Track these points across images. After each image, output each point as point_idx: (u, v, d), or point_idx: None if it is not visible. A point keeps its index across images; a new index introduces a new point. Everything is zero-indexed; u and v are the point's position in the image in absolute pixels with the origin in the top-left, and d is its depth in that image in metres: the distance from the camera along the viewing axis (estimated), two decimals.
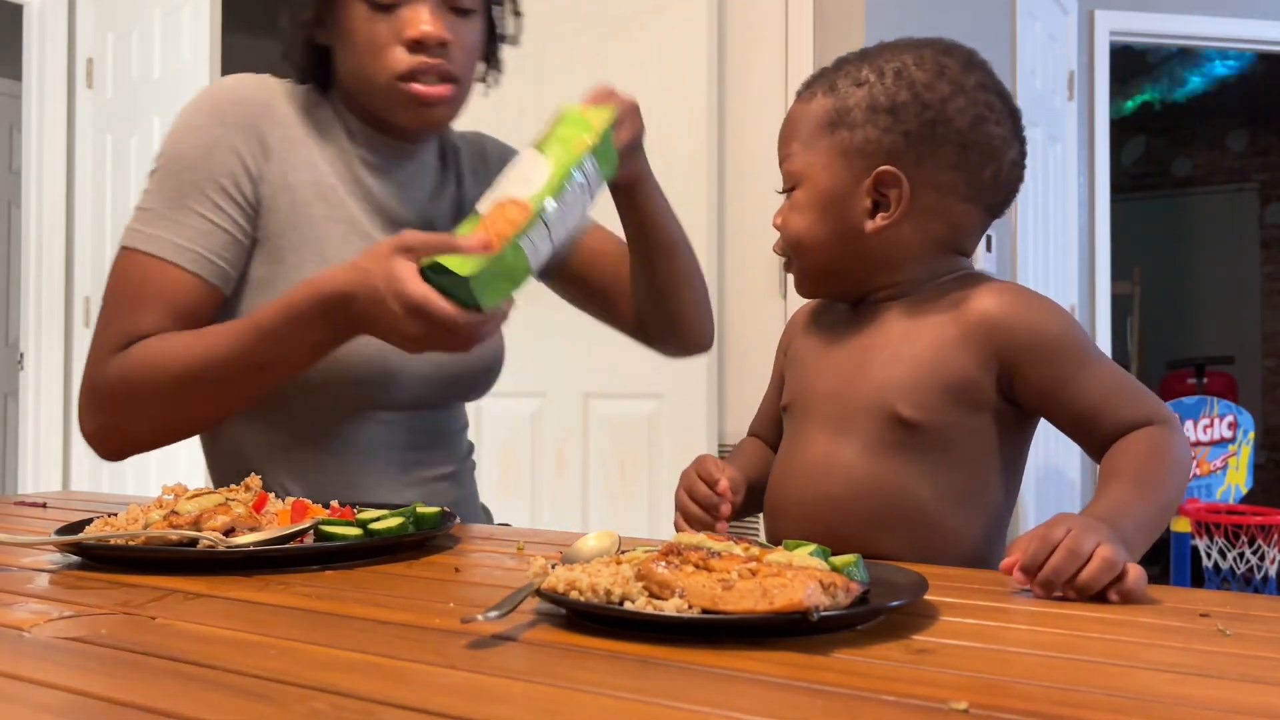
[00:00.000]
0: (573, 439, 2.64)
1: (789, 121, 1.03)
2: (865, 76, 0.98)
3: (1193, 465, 0.86)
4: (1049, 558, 0.72)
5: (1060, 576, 0.71)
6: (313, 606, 0.69)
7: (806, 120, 1.00)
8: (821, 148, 0.98)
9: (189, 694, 0.50)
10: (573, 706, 0.48)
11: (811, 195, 0.99)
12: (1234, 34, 4.21)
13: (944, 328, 0.95)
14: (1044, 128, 3.68)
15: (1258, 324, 6.53)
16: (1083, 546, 0.71)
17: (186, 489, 0.95)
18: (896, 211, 0.96)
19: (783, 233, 1.02)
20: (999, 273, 3.22)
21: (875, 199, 0.97)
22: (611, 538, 0.78)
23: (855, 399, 0.96)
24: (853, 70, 0.99)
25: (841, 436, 0.96)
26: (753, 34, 2.54)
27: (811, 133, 0.99)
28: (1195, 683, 0.52)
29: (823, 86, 1.00)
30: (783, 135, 1.03)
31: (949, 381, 0.93)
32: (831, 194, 0.98)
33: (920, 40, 1.00)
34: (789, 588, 0.59)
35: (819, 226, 0.99)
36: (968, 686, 0.51)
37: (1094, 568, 0.71)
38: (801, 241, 1.01)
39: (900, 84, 0.96)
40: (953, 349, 0.93)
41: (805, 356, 1.05)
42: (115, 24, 3.47)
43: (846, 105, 0.97)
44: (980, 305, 0.94)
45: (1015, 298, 0.95)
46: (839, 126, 0.97)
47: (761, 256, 2.51)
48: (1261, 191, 6.56)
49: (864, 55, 1.00)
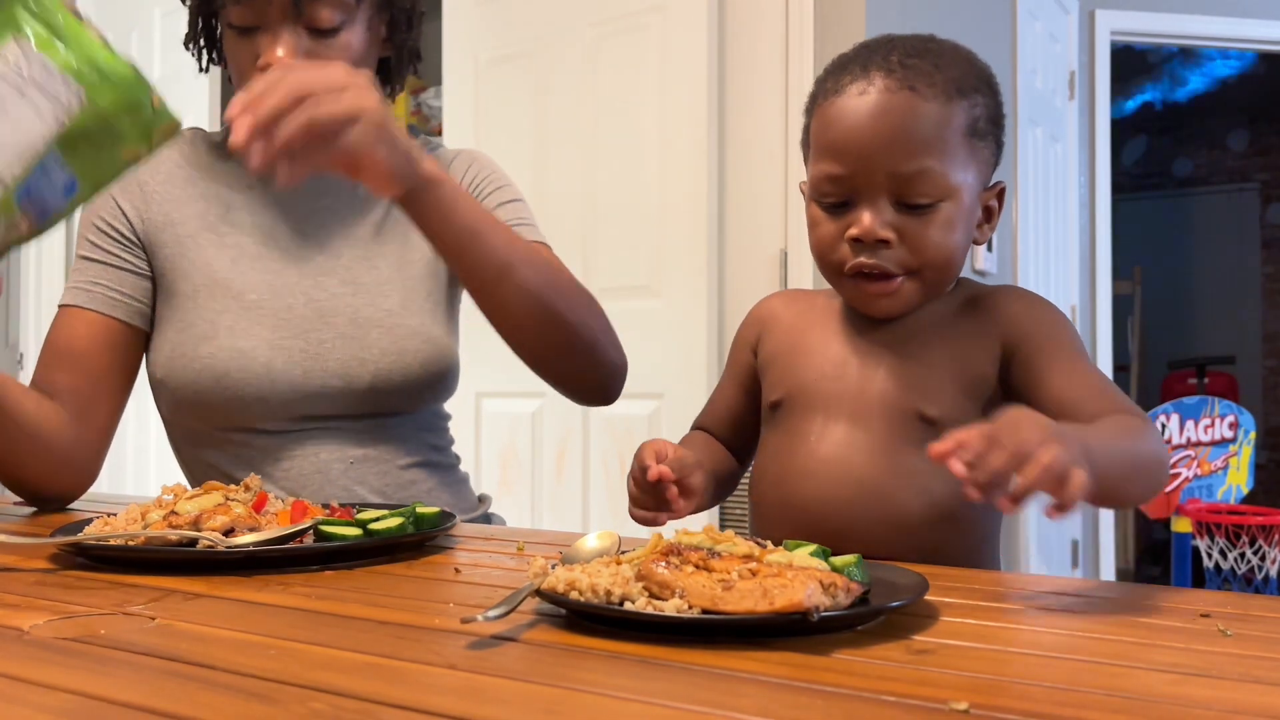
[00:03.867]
0: (573, 439, 2.64)
1: (905, 121, 0.90)
2: (961, 76, 0.92)
3: (1167, 467, 0.86)
4: (991, 455, 0.64)
5: (999, 477, 0.63)
6: (312, 606, 0.69)
7: (940, 127, 0.90)
8: (964, 160, 0.92)
9: (189, 694, 0.50)
10: (573, 706, 0.48)
11: (959, 211, 0.92)
12: (1234, 34, 4.21)
13: (957, 325, 0.95)
14: (1044, 128, 3.67)
15: (1258, 324, 6.53)
16: (1029, 443, 0.64)
17: (186, 489, 0.95)
18: (996, 221, 0.97)
19: (919, 250, 0.91)
20: (999, 273, 3.22)
21: (984, 210, 0.97)
22: (611, 538, 0.78)
23: (872, 396, 0.94)
24: (941, 66, 0.92)
25: (857, 432, 0.93)
26: (753, 34, 2.54)
27: (954, 141, 0.91)
28: (1195, 683, 0.52)
29: (902, 77, 0.90)
30: (901, 136, 0.90)
31: (965, 379, 0.93)
32: (972, 208, 0.94)
33: (937, 37, 0.97)
34: (789, 588, 0.59)
35: (962, 243, 0.94)
36: (968, 686, 0.51)
37: (1037, 473, 0.63)
38: (949, 261, 0.93)
39: (993, 91, 0.95)
40: (967, 345, 0.94)
41: (796, 351, 1.01)
42: (115, 24, 3.47)
43: (975, 114, 0.92)
44: (990, 299, 0.96)
45: (1020, 292, 0.98)
46: (973, 136, 0.92)
47: (762, 256, 2.51)
48: (1262, 191, 6.56)
49: (925, 48, 0.93)
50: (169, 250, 1.21)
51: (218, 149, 1.27)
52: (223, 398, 1.16)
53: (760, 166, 2.49)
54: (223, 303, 1.18)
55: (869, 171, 0.90)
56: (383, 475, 1.21)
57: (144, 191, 1.22)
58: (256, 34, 1.12)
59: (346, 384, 1.18)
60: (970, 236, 0.95)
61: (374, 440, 1.21)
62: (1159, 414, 3.32)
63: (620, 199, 2.58)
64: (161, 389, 1.20)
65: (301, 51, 1.11)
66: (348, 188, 1.25)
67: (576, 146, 2.63)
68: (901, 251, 0.91)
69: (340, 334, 1.18)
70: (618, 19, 2.60)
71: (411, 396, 1.22)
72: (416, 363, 1.20)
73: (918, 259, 0.91)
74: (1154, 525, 3.83)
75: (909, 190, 0.89)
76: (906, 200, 0.90)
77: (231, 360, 1.15)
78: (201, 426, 1.20)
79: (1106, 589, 0.76)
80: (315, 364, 1.17)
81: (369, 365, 1.18)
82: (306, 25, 1.12)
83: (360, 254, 1.23)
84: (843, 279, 0.95)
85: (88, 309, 1.19)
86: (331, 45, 1.13)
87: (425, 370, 1.21)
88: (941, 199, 0.90)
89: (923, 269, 0.92)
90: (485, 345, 1.23)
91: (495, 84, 2.79)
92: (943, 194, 0.90)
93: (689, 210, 2.48)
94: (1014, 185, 3.40)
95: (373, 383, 1.18)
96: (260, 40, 1.12)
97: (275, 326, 1.18)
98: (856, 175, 0.90)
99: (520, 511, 2.68)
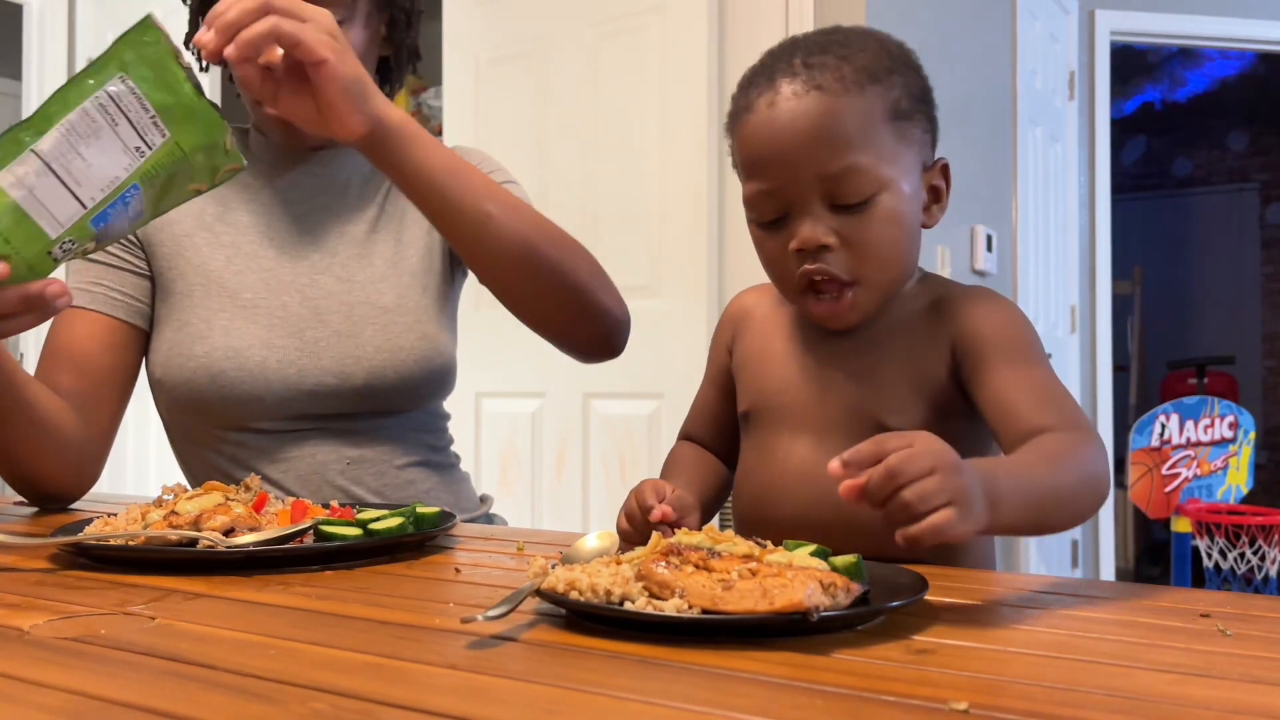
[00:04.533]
0: (573, 439, 2.64)
1: (826, 122, 0.86)
2: (871, 62, 0.88)
3: (1104, 485, 0.84)
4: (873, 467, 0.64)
5: (873, 495, 0.63)
6: (312, 606, 0.69)
7: (859, 117, 0.87)
8: (892, 147, 0.88)
9: (189, 694, 0.50)
10: (573, 706, 0.48)
11: (899, 200, 0.88)
12: (1234, 34, 4.21)
13: (915, 328, 0.93)
14: (1044, 128, 3.68)
15: (1258, 324, 6.53)
16: (910, 467, 0.63)
17: (186, 489, 0.95)
18: (946, 201, 0.94)
19: (864, 249, 0.88)
20: (999, 273, 3.22)
21: (929, 191, 0.93)
22: (611, 538, 0.78)
23: (835, 408, 0.93)
24: (848, 57, 0.88)
25: (823, 447, 0.91)
26: (753, 34, 2.54)
27: (875, 131, 0.87)
28: (1195, 683, 0.52)
29: (807, 79, 0.87)
30: (818, 139, 0.87)
31: (921, 384, 0.91)
32: (914, 194, 0.90)
33: (842, 26, 0.94)
34: (789, 588, 0.59)
35: (907, 233, 0.90)
36: (968, 686, 0.51)
37: (904, 497, 0.62)
38: (896, 257, 0.90)
39: (911, 67, 0.91)
40: (923, 349, 0.92)
41: (763, 358, 0.99)
42: (115, 24, 3.47)
43: (894, 96, 0.88)
44: (950, 302, 0.93)
45: (976, 292, 0.94)
46: (898, 119, 0.88)
47: None
48: (1262, 191, 6.56)
49: (829, 42, 0.90)
50: (166, 249, 1.21)
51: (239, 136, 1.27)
52: (218, 396, 1.16)
53: None
54: (218, 301, 1.18)
55: (796, 181, 0.87)
56: (380, 475, 1.21)
57: None
58: None
59: (341, 381, 1.18)
60: (917, 222, 0.92)
61: (371, 440, 1.21)
62: (1159, 414, 3.32)
63: (620, 199, 2.58)
64: (160, 388, 1.21)
65: None
66: (344, 185, 1.25)
67: (576, 146, 2.63)
68: (845, 254, 0.88)
69: (335, 331, 1.18)
70: (618, 19, 2.60)
71: (407, 394, 1.21)
72: (411, 359, 1.20)
73: (863, 259, 0.88)
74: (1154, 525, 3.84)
75: (840, 191, 0.87)
76: (840, 201, 0.87)
77: (226, 359, 1.16)
78: (199, 425, 1.20)
79: (1106, 589, 0.76)
80: (310, 362, 1.17)
81: (363, 362, 1.18)
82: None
83: (355, 251, 1.23)
84: (798, 296, 0.92)
85: (89, 309, 1.19)
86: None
87: (420, 367, 1.21)
88: (876, 193, 0.87)
89: (870, 270, 0.89)
90: (485, 346, 1.23)
91: (495, 84, 2.79)
92: (876, 187, 0.87)
93: (689, 210, 2.48)
94: (1014, 185, 3.40)
95: (367, 380, 1.18)
96: None
97: (270, 325, 1.18)
98: (785, 187, 0.88)
99: (520, 511, 2.68)
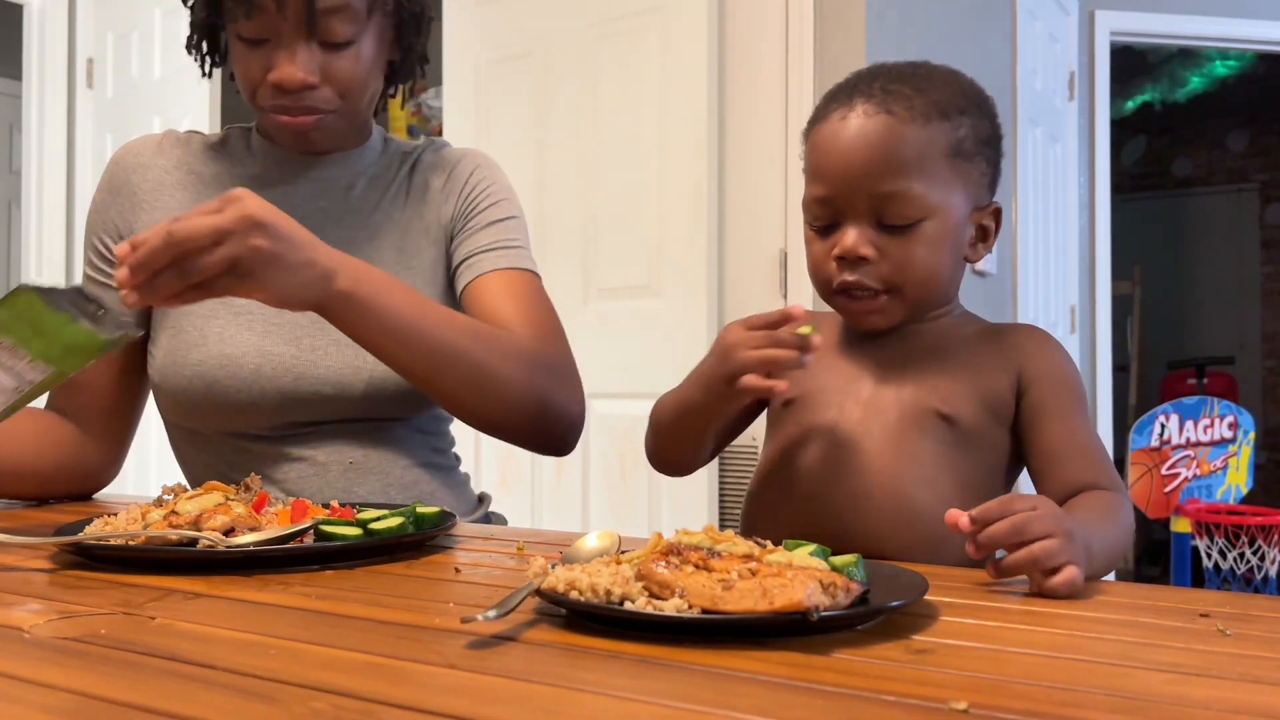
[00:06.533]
0: None
1: (888, 145, 0.93)
2: (943, 98, 0.95)
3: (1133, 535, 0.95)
4: (998, 523, 0.71)
5: (993, 544, 0.72)
6: (313, 606, 0.69)
7: (920, 147, 0.93)
8: (947, 180, 0.95)
9: (189, 694, 0.50)
10: (573, 706, 0.48)
11: (944, 230, 0.95)
12: (1234, 34, 4.21)
13: (976, 346, 0.99)
14: (1044, 128, 3.68)
15: (1258, 324, 6.54)
16: (1036, 527, 0.71)
17: (186, 489, 0.95)
18: (993, 242, 1.01)
19: (902, 267, 0.94)
20: (999, 273, 3.22)
21: (977, 229, 1.00)
22: (611, 538, 0.78)
23: (888, 392, 0.97)
24: (923, 90, 0.95)
25: (871, 421, 0.96)
26: (753, 34, 2.54)
27: (933, 162, 0.94)
28: (1195, 683, 0.52)
29: (880, 102, 0.94)
30: (876, 158, 0.93)
31: (984, 390, 0.96)
32: (959, 227, 0.97)
33: (930, 63, 1.01)
34: (789, 588, 0.59)
35: (947, 260, 0.97)
36: (968, 686, 0.51)
37: (1023, 555, 0.71)
38: (931, 277, 0.96)
39: (984, 113, 0.98)
40: (986, 367, 0.97)
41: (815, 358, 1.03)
42: (115, 24, 3.47)
43: (959, 135, 0.95)
44: (1009, 334, 1.00)
45: (1039, 331, 1.01)
46: (957, 157, 0.95)
47: (761, 256, 2.51)
48: (1262, 191, 6.56)
49: (911, 72, 0.97)
50: None
51: (213, 150, 1.26)
52: (214, 404, 1.16)
53: (760, 167, 2.49)
54: (211, 308, 1.17)
55: (850, 193, 0.94)
56: (383, 478, 1.20)
57: (134, 200, 1.23)
58: (267, 46, 1.12)
59: (339, 391, 1.16)
60: (959, 255, 0.98)
61: (373, 444, 1.20)
62: (1159, 414, 3.32)
63: (620, 199, 2.58)
64: (158, 392, 1.21)
65: (314, 65, 1.12)
66: (345, 190, 1.25)
67: (576, 146, 2.64)
68: (883, 267, 0.94)
69: (336, 340, 1.16)
70: (618, 19, 2.60)
71: (408, 403, 1.20)
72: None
73: (899, 275, 0.95)
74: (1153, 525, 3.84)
75: (888, 210, 0.93)
76: (887, 220, 0.94)
77: (220, 367, 1.15)
78: (199, 429, 1.20)
79: (1106, 589, 0.76)
80: (308, 370, 1.16)
81: (363, 372, 1.17)
82: (319, 39, 1.12)
83: (357, 259, 1.22)
84: (833, 296, 0.99)
85: None
86: (343, 57, 1.13)
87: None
88: (922, 218, 0.93)
89: (904, 285, 0.95)
90: None
91: (495, 84, 2.79)
92: (923, 213, 0.93)
93: (689, 210, 2.49)
94: (1014, 185, 3.40)
95: (366, 390, 1.17)
96: (272, 53, 1.12)
97: (265, 332, 1.17)
98: (839, 197, 0.94)
99: (520, 511, 2.68)
